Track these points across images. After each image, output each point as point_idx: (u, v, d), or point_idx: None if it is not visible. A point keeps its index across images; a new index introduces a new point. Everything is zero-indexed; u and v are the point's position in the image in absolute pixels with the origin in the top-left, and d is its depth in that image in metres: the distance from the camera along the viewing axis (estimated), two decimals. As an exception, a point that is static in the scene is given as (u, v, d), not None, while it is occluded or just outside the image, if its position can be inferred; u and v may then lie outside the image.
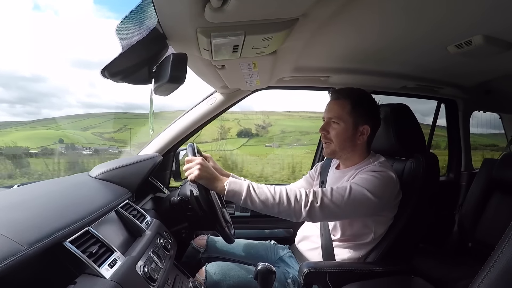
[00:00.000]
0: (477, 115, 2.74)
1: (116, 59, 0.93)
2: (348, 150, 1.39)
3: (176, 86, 1.05)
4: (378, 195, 1.21)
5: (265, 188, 1.21)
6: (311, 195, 1.19)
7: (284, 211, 1.19)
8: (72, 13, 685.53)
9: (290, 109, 10.04)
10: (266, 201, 1.18)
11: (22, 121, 37.62)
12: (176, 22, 0.95)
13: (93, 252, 0.87)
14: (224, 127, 13.31)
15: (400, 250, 1.35)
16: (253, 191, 1.19)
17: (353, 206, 1.21)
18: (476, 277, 0.61)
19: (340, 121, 1.34)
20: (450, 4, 1.01)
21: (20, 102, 42.69)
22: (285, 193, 1.19)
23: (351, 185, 1.22)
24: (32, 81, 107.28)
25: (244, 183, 1.21)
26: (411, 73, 1.88)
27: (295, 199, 1.18)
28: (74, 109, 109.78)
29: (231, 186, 1.19)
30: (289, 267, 1.52)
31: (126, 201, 1.32)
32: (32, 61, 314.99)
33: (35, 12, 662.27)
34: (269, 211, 1.20)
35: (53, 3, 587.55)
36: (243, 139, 13.54)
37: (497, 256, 0.59)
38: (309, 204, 1.17)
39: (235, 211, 2.16)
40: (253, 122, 15.18)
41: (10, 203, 0.94)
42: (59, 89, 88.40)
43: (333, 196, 1.20)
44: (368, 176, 1.25)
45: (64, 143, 10.37)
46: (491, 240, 1.92)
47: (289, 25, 0.99)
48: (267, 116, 15.08)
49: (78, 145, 9.99)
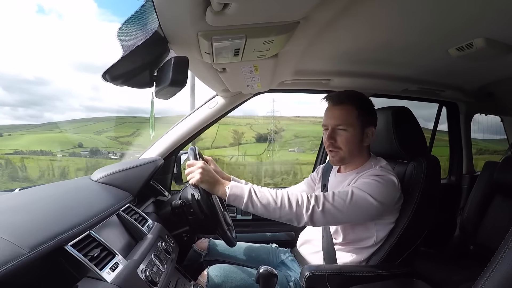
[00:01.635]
0: (480, 120, 2.75)
1: (118, 62, 0.94)
2: (355, 154, 1.37)
3: (177, 90, 1.05)
4: (380, 200, 1.20)
5: (267, 192, 1.20)
6: (312, 200, 1.18)
7: (285, 215, 1.18)
8: (76, 17, 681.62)
9: (298, 114, 10.04)
10: (267, 205, 1.17)
11: (30, 124, 37.06)
12: (177, 26, 0.95)
13: (94, 256, 0.87)
14: (237, 131, 13.32)
15: (401, 253, 1.34)
16: (255, 195, 1.18)
17: (355, 211, 1.21)
18: (477, 281, 0.60)
19: (348, 127, 1.31)
20: (450, 7, 1.01)
21: (22, 105, 42.96)
22: (287, 197, 1.18)
23: (352, 190, 1.21)
24: (35, 84, 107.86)
25: (246, 187, 1.20)
26: (412, 76, 1.88)
27: (296, 204, 1.17)
28: (77, 112, 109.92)
29: (233, 190, 1.19)
30: (290, 271, 1.51)
31: (128, 205, 1.32)
32: (36, 64, 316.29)
33: (39, 16, 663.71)
34: (271, 216, 1.19)
35: (57, 7, 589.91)
36: (263, 144, 13.53)
37: (499, 260, 0.58)
38: (311, 208, 1.16)
39: (237, 214, 2.16)
40: (265, 127, 15.20)
41: (11, 207, 0.95)
42: (63, 92, 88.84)
43: (335, 201, 1.19)
44: (370, 180, 1.24)
45: (83, 147, 10.45)
46: (492, 244, 1.91)
47: (290, 28, 0.99)
48: (278, 121, 15.09)
49: (102, 150, 10.08)
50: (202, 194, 1.29)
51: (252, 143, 14.52)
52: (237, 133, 13.81)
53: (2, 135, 19.54)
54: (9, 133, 20.55)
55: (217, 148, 13.99)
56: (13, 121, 66.46)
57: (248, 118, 14.57)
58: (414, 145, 1.46)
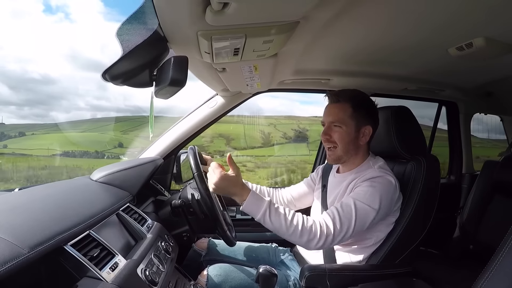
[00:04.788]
0: (486, 120, 2.76)
1: (117, 62, 0.93)
2: (351, 153, 1.38)
3: (177, 89, 1.05)
4: (381, 207, 1.22)
5: (282, 216, 1.18)
6: (324, 235, 1.17)
7: (294, 241, 1.20)
8: (83, 16, 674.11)
9: (316, 114, 9.94)
10: (279, 228, 1.17)
11: (47, 123, 36.82)
12: (177, 25, 0.95)
13: (94, 256, 0.88)
14: (263, 131, 13.21)
15: (401, 253, 1.34)
16: (268, 216, 1.17)
17: (360, 225, 1.22)
18: (477, 280, 0.61)
19: (342, 124, 1.33)
20: (450, 7, 1.01)
21: (28, 104, 42.90)
22: (300, 226, 1.17)
23: (355, 204, 1.21)
24: (41, 83, 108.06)
25: (263, 205, 1.18)
26: (412, 75, 1.88)
27: (308, 236, 1.16)
28: (83, 112, 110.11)
29: (248, 207, 1.19)
30: (290, 270, 1.51)
31: (127, 204, 1.32)
32: (42, 62, 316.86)
33: (45, 15, 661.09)
34: (280, 236, 1.20)
35: (64, 6, 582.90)
36: (302, 144, 13.43)
37: (499, 259, 0.59)
38: (322, 243, 1.17)
39: (236, 213, 2.16)
40: (289, 127, 15.11)
41: (11, 207, 0.94)
42: (69, 92, 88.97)
43: (343, 224, 1.19)
44: (367, 188, 1.24)
45: (123, 147, 10.27)
46: (492, 243, 1.90)
47: (290, 28, 0.99)
48: (298, 121, 15.01)
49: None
50: (202, 193, 1.29)
51: (285, 144, 14.41)
52: (264, 133, 13.71)
53: (25, 134, 19.17)
54: (32, 132, 20.25)
55: (253, 148, 13.86)
56: (19, 120, 66.55)
57: (271, 118, 14.46)
58: (414, 145, 1.46)
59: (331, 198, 1.43)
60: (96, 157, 13.08)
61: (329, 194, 1.47)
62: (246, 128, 12.49)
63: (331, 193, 1.46)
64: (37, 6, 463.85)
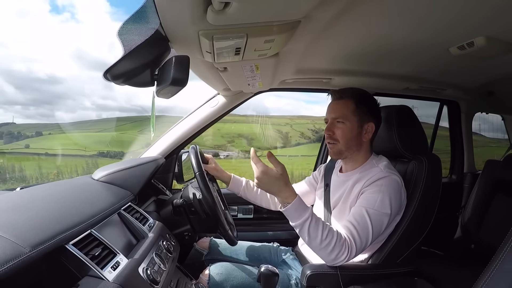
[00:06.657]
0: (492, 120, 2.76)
1: (119, 61, 0.94)
2: (353, 150, 1.38)
3: (178, 89, 1.05)
4: (392, 209, 1.24)
5: (320, 229, 1.17)
6: (348, 250, 1.18)
7: (322, 255, 1.20)
8: (88, 16, 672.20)
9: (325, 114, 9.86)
10: (313, 240, 1.17)
11: (61, 123, 36.89)
12: (178, 25, 0.95)
13: (95, 255, 0.88)
14: (281, 131, 13.11)
15: (402, 252, 1.34)
16: (308, 227, 1.16)
17: (377, 232, 1.24)
18: (479, 279, 0.61)
19: (345, 120, 1.34)
20: (452, 6, 1.01)
21: (33, 104, 42.87)
22: (334, 243, 1.16)
23: (368, 213, 1.22)
24: (47, 83, 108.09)
25: (305, 214, 1.17)
26: (414, 75, 1.88)
27: (337, 253, 1.17)
28: (89, 111, 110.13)
29: (289, 211, 1.18)
30: (292, 269, 1.51)
31: (129, 204, 1.32)
32: (48, 62, 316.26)
33: (51, 15, 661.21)
34: (309, 246, 1.21)
35: (70, 6, 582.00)
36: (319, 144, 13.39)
37: (500, 258, 0.58)
38: (347, 258, 1.18)
39: (238, 213, 2.16)
40: (305, 127, 15.00)
41: (12, 206, 0.95)
42: (75, 91, 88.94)
43: (361, 237, 1.20)
44: (377, 195, 1.25)
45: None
46: (494, 242, 1.90)
47: (291, 27, 0.99)
48: (313, 120, 14.89)
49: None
50: (203, 193, 1.29)
51: (305, 144, 14.30)
52: (282, 133, 13.63)
53: (42, 134, 18.90)
54: (49, 132, 20.01)
55: (275, 148, 13.71)
56: (24, 119, 66.54)
57: (286, 118, 14.36)
58: (415, 144, 1.46)
59: (335, 198, 1.43)
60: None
61: (332, 194, 1.47)
62: (263, 128, 12.46)
63: (334, 193, 1.46)
64: (43, 6, 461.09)
